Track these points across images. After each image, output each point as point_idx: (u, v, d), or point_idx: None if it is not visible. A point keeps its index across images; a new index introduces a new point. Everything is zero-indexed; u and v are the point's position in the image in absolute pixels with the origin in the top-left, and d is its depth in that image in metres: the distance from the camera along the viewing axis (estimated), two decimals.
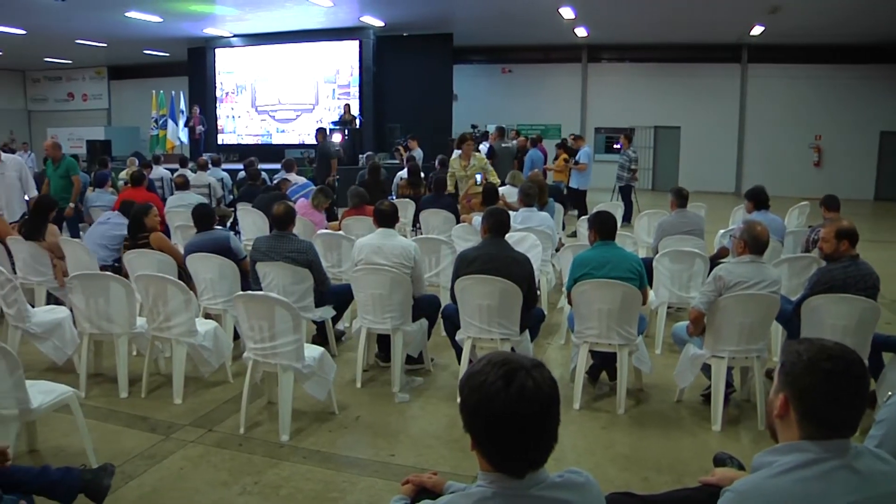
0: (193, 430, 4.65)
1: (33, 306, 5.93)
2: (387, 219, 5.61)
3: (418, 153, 14.16)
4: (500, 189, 8.88)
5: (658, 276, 6.32)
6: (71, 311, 5.53)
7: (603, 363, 5.29)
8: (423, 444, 4.49)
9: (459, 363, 5.23)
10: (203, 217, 6.20)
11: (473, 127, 15.59)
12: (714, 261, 6.27)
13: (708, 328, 4.69)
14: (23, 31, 17.69)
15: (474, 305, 4.95)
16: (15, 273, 6.48)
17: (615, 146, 20.12)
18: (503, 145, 13.30)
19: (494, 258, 4.92)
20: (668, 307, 6.52)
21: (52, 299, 6.79)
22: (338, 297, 5.97)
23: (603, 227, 5.08)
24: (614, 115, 21.15)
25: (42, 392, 3.97)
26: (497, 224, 5.10)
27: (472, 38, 20.11)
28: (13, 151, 17.42)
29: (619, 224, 5.47)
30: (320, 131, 14.43)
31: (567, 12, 15.57)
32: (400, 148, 15.51)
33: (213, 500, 3.79)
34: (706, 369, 4.82)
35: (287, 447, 4.41)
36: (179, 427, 4.68)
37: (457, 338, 5.20)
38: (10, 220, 7.52)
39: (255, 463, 4.20)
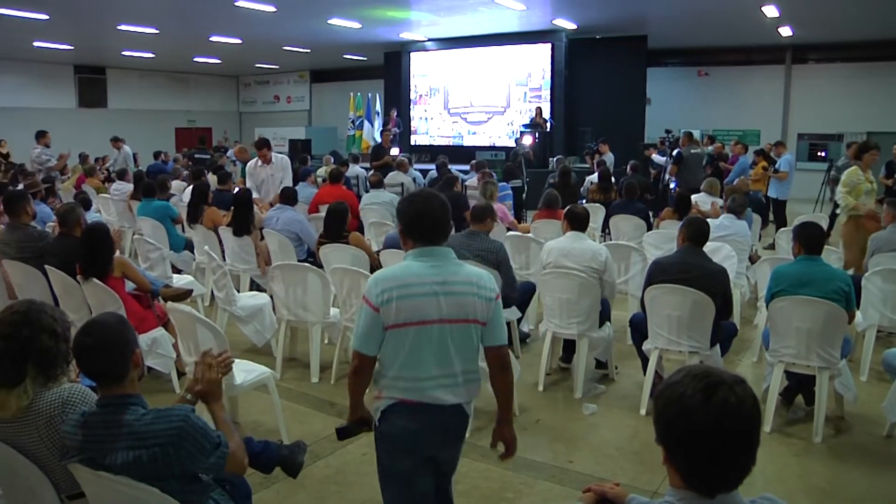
0: None
1: (239, 291, 6.39)
2: (579, 222, 5.52)
3: (609, 157, 13.87)
4: (693, 196, 8.54)
5: (867, 297, 5.77)
6: (271, 297, 5.91)
7: (799, 385, 4.93)
8: (602, 453, 4.40)
9: (644, 374, 5.08)
10: None
11: (667, 132, 15.03)
12: None
13: None
14: (239, 40, 19.20)
15: (664, 315, 4.79)
16: (224, 260, 7.02)
17: (819, 153, 18.74)
18: (692, 151, 12.75)
19: (691, 268, 4.73)
20: (878, 331, 5.91)
21: (254, 286, 7.28)
22: (520, 294, 5.92)
23: (809, 240, 4.71)
24: (819, 120, 19.47)
25: (244, 371, 4.30)
26: (696, 233, 4.88)
27: (668, 40, 19.38)
28: (226, 150, 18.97)
29: None
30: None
31: (770, 11, 14.62)
32: (591, 152, 15.31)
33: None
34: None
35: (466, 444, 4.41)
36: None
37: (643, 347, 5.06)
38: None
39: None
